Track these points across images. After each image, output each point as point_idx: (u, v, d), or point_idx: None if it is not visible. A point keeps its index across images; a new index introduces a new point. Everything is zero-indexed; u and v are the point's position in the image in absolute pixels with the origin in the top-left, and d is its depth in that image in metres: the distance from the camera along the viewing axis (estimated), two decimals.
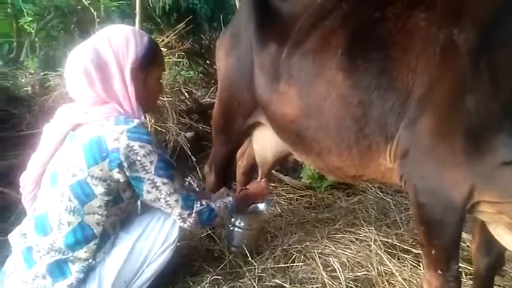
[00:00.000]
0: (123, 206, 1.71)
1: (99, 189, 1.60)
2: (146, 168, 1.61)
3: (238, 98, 2.10)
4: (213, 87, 4.65)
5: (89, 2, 4.53)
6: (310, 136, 1.74)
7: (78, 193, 1.60)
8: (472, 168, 1.31)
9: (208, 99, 4.63)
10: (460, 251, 1.55)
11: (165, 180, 1.64)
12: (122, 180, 1.62)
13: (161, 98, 3.60)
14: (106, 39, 1.64)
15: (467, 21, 1.34)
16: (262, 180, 2.17)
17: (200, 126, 4.20)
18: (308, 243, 2.44)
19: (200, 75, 4.85)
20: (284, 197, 3.28)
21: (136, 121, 1.62)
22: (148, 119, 3.28)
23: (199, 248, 2.36)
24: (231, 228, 2.25)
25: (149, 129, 3.10)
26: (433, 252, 1.51)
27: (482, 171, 1.30)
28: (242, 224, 2.22)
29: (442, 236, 1.46)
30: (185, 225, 1.74)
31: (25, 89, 4.52)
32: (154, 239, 1.79)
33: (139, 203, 1.92)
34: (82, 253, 1.65)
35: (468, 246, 2.21)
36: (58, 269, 1.64)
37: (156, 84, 1.81)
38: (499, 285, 1.99)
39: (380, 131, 1.52)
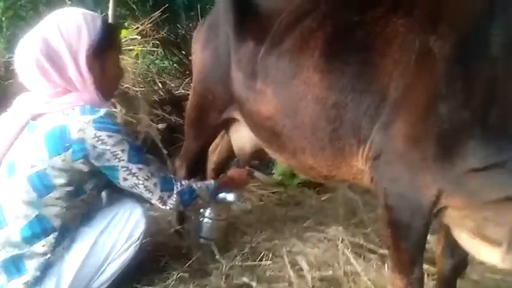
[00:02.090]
0: (84, 198, 1.66)
1: (59, 180, 1.54)
2: (119, 156, 1.56)
3: (213, 91, 2.06)
4: (187, 79, 4.56)
5: None
6: (285, 135, 1.73)
7: (37, 184, 1.53)
8: (441, 174, 1.33)
9: (182, 91, 4.55)
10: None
11: (140, 166, 1.60)
12: (85, 171, 1.57)
13: (133, 88, 3.52)
14: (55, 26, 1.54)
15: (444, 29, 1.35)
16: (246, 168, 2.14)
17: (173, 118, 4.13)
18: (277, 241, 2.44)
19: (175, 65, 4.76)
20: (255, 193, 3.27)
21: (103, 110, 1.56)
22: (119, 109, 3.19)
23: (166, 244, 2.31)
24: (200, 219, 2.22)
25: (119, 120, 3.02)
26: (398, 254, 1.53)
27: (451, 177, 1.32)
28: (211, 214, 2.19)
29: (408, 238, 1.48)
30: (167, 207, 1.71)
31: None
32: (118, 234, 1.74)
33: (104, 195, 1.86)
34: (40, 247, 1.58)
35: (431, 247, 2.27)
36: (13, 265, 1.57)
37: (115, 69, 1.74)
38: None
39: (354, 133, 1.53)
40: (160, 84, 4.34)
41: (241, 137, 2.13)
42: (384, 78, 1.44)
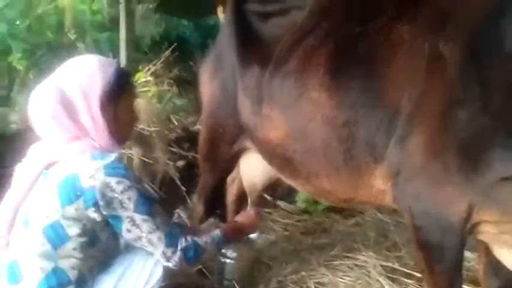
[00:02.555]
0: (101, 247, 1.60)
1: (73, 230, 1.50)
2: (125, 205, 1.51)
3: (223, 124, 2.03)
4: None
5: (75, 35, 4.54)
6: (297, 160, 1.66)
7: (51, 236, 1.49)
8: (468, 186, 1.23)
9: (199, 127, 4.57)
10: (464, 272, 1.45)
11: (145, 217, 1.54)
12: (98, 220, 1.52)
13: (148, 128, 3.54)
14: (69, 74, 1.55)
15: (453, 31, 1.28)
16: (252, 210, 2.06)
17: (191, 154, 4.13)
18: (304, 273, 2.32)
19: (190, 102, 4.80)
20: (279, 222, 3.16)
21: (113, 155, 1.53)
22: (135, 151, 3.19)
23: (188, 286, 2.22)
24: (222, 260, 2.13)
25: (135, 161, 3.02)
26: (434, 278, 1.40)
27: (480, 189, 1.21)
28: (234, 254, 2.10)
29: (442, 260, 1.36)
30: (170, 264, 1.62)
31: (13, 125, 4.46)
32: (136, 280, 1.66)
33: (122, 242, 1.81)
34: None
35: (473, 265, 2.11)
36: None
37: (129, 114, 1.72)
38: None
39: (368, 151, 1.44)
40: (176, 122, 4.37)
41: (251, 172, 2.08)
42: (394, 89, 1.37)
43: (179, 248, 1.59)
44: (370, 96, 1.42)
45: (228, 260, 2.12)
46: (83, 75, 1.56)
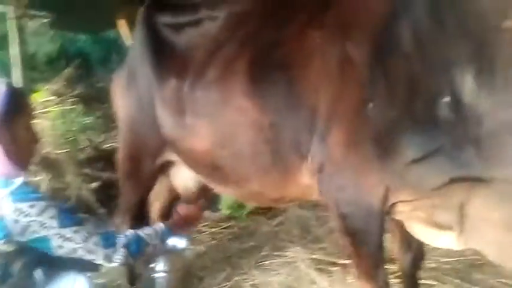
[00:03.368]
0: (13, 283, 1.46)
1: None
2: (47, 225, 1.41)
3: (143, 138, 1.98)
4: (113, 131, 4.40)
5: None
6: (226, 166, 1.69)
7: None
8: (384, 172, 1.37)
9: (113, 144, 4.36)
10: None
11: (74, 228, 1.46)
12: (9, 251, 1.39)
13: (55, 151, 3.29)
14: None
15: (358, 35, 1.42)
16: (198, 201, 2.02)
17: (105, 175, 3.92)
18: (237, 278, 2.36)
19: (98, 120, 4.55)
20: (206, 232, 3.16)
21: (17, 181, 1.42)
22: (43, 177, 2.95)
23: None
24: (151, 275, 2.05)
25: (45, 188, 2.79)
26: (361, 261, 1.53)
27: (394, 173, 1.35)
28: (163, 267, 2.04)
29: (367, 243, 1.49)
30: (115, 264, 1.55)
31: None
32: None
33: (38, 274, 1.67)
34: None
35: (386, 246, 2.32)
36: None
37: (27, 136, 1.60)
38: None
39: (294, 150, 1.53)
40: (85, 142, 4.12)
41: (184, 177, 2.04)
42: (312, 91, 1.47)
43: (119, 245, 1.53)
44: (291, 99, 1.51)
45: (157, 275, 2.05)
46: None
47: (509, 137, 1.19)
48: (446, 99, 1.25)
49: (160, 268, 2.02)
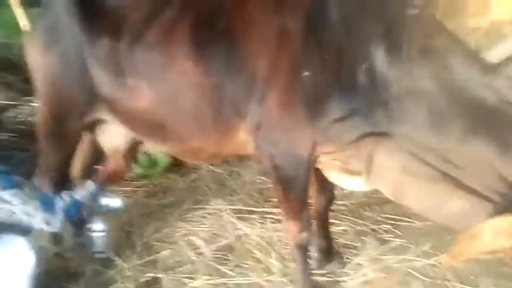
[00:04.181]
0: None
1: None
2: None
3: (69, 96, 1.92)
4: None
5: None
6: (168, 124, 1.78)
7: None
8: (312, 129, 1.62)
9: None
10: None
11: (11, 191, 1.46)
12: None
13: None
14: None
15: (293, 7, 1.60)
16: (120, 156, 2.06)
17: None
18: (166, 230, 2.49)
19: None
20: (120, 190, 3.16)
21: None
22: None
23: (52, 271, 2.10)
24: (90, 234, 2.09)
25: None
26: (289, 204, 1.80)
27: (320, 130, 1.62)
28: (101, 226, 2.09)
29: (295, 189, 1.76)
30: (54, 229, 1.58)
31: None
32: (8, 272, 1.56)
33: None
34: None
35: None
36: None
37: None
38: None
39: (234, 110, 1.69)
40: None
41: (112, 136, 2.05)
42: (252, 57, 1.63)
43: (58, 209, 1.57)
44: (233, 64, 1.65)
45: (95, 234, 2.09)
46: None
47: (409, 101, 1.53)
48: (364, 67, 1.53)
49: (97, 228, 2.06)
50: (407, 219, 2.57)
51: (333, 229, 2.45)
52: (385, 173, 1.68)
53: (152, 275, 2.11)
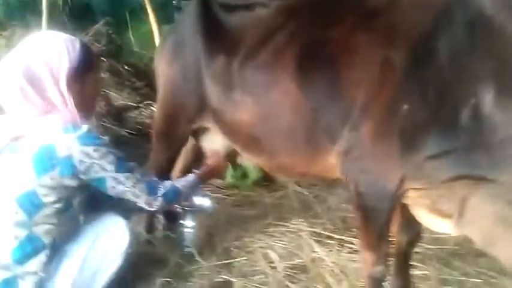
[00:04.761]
0: (71, 214, 1.70)
1: (48, 198, 1.57)
2: (106, 168, 1.63)
3: (184, 104, 2.18)
4: (127, 89, 4.55)
5: None
6: (265, 139, 1.92)
7: (26, 204, 1.55)
8: (404, 163, 1.61)
9: (123, 102, 4.52)
10: None
11: (127, 174, 1.69)
12: (73, 186, 1.62)
13: None
14: (35, 51, 1.59)
15: (400, 42, 1.63)
16: (221, 154, 2.25)
17: (116, 128, 4.10)
18: (246, 239, 2.62)
19: (114, 77, 4.69)
20: (211, 197, 3.39)
21: (85, 127, 1.62)
22: None
23: (141, 255, 2.36)
24: (182, 230, 2.31)
25: None
26: (367, 234, 1.79)
27: (411, 165, 1.60)
28: (193, 223, 2.30)
29: (376, 220, 1.75)
30: (153, 208, 1.80)
31: None
32: (106, 248, 1.80)
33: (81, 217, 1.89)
34: (32, 266, 1.59)
35: None
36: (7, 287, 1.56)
37: (94, 89, 1.81)
38: None
39: (327, 133, 1.76)
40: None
41: (214, 143, 2.27)
42: (352, 86, 1.69)
43: (160, 193, 1.78)
44: (333, 90, 1.73)
45: (187, 230, 2.31)
46: (50, 52, 1.60)
47: None
48: (469, 108, 1.49)
49: (188, 224, 2.28)
50: (503, 277, 2.34)
51: (414, 272, 2.34)
52: (478, 220, 1.59)
53: (226, 277, 2.23)
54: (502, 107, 1.46)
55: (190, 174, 2.00)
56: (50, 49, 1.59)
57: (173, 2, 10.63)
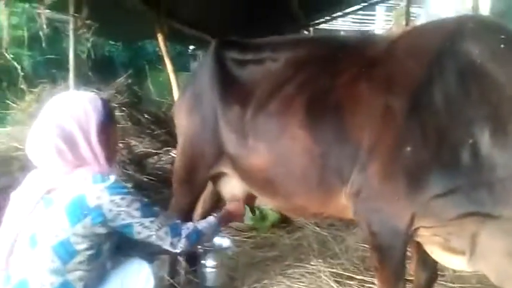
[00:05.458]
0: (101, 260, 1.79)
1: (81, 245, 1.68)
2: (133, 215, 1.74)
3: (202, 151, 2.32)
4: (148, 138, 4.75)
5: (12, 56, 4.44)
6: (278, 182, 2.02)
7: (61, 253, 1.66)
8: (412, 202, 1.69)
9: (143, 149, 4.71)
10: None
11: (152, 219, 1.79)
12: (103, 233, 1.72)
13: None
14: (64, 110, 1.74)
15: (399, 90, 1.76)
16: (240, 199, 2.35)
17: (137, 176, 4.24)
18: (266, 281, 2.66)
19: (133, 126, 4.92)
20: (231, 239, 3.44)
21: (112, 177, 1.75)
22: None
23: None
24: (203, 270, 2.38)
25: None
26: (384, 273, 1.84)
27: (419, 203, 1.68)
28: (213, 263, 2.37)
29: (392, 258, 1.80)
30: (177, 250, 1.88)
31: None
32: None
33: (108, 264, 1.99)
34: None
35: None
36: None
37: (115, 139, 1.97)
38: None
39: (337, 176, 1.86)
40: (120, 145, 4.46)
41: (232, 187, 2.38)
42: (357, 130, 1.80)
43: (183, 236, 1.86)
44: (340, 134, 1.85)
45: (208, 270, 2.38)
46: (78, 111, 1.76)
47: None
48: (467, 149, 1.58)
49: (209, 264, 2.35)
50: None
51: None
52: (490, 255, 1.64)
53: None
54: (500, 147, 1.54)
55: (210, 216, 2.09)
56: (78, 108, 1.75)
57: (188, 51, 11.19)
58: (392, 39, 1.94)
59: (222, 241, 2.48)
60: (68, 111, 1.74)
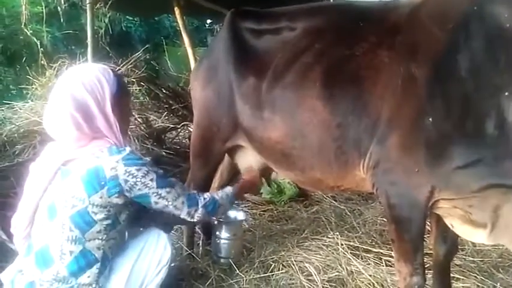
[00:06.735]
0: (119, 229, 1.83)
1: (99, 215, 1.71)
2: (149, 185, 1.76)
3: (218, 124, 2.30)
4: (166, 112, 4.77)
5: (31, 31, 4.47)
6: (295, 155, 1.99)
7: (79, 222, 1.69)
8: (432, 174, 1.64)
9: (162, 124, 4.73)
10: None
11: (168, 189, 1.81)
12: (120, 203, 1.75)
13: None
14: (80, 84, 1.74)
15: (422, 57, 1.68)
16: (255, 171, 2.36)
17: (157, 150, 4.28)
18: (283, 253, 2.68)
19: (152, 101, 4.94)
20: (248, 213, 3.48)
21: (128, 149, 1.76)
22: None
23: (183, 268, 2.48)
24: (217, 241, 2.41)
25: None
26: (402, 245, 1.81)
27: (440, 176, 1.63)
28: (227, 234, 2.39)
29: (410, 231, 1.77)
30: (194, 220, 1.91)
31: None
32: (150, 261, 1.91)
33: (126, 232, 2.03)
34: (85, 278, 1.73)
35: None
36: None
37: (128, 111, 1.98)
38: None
39: (355, 148, 1.81)
40: (140, 120, 4.50)
41: (248, 160, 2.37)
42: (377, 101, 1.75)
43: (200, 205, 1.89)
44: (359, 106, 1.79)
45: (222, 241, 2.41)
46: (93, 83, 1.76)
47: None
48: (493, 118, 1.51)
49: (224, 235, 2.38)
50: None
51: (456, 284, 2.32)
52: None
53: None
54: None
55: (227, 187, 2.09)
56: (92, 80, 1.76)
57: (205, 25, 11.08)
58: (415, 4, 1.84)
59: (237, 214, 2.49)
60: (82, 83, 1.75)
